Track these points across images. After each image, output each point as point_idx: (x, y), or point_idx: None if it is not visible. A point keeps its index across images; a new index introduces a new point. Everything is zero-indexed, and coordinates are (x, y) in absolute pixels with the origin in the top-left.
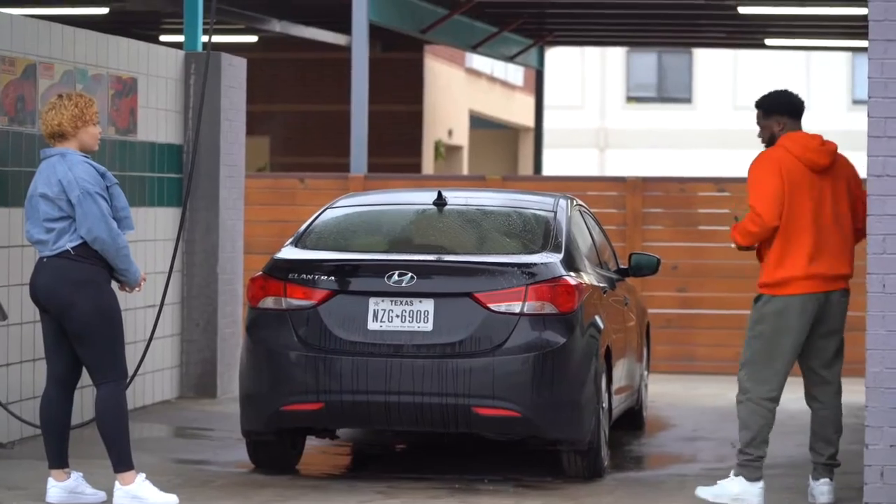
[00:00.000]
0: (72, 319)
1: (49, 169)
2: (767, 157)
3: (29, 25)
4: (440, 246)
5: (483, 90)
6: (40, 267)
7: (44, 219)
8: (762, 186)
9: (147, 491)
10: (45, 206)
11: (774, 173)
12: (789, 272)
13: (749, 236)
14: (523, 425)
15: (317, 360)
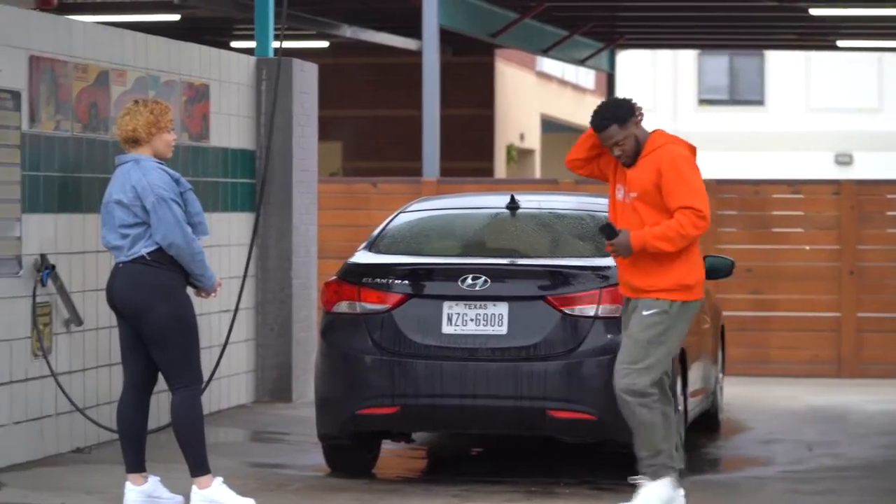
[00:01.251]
0: (148, 325)
1: (124, 175)
2: (689, 156)
3: (102, 33)
4: (513, 249)
5: (554, 94)
6: (116, 272)
7: (119, 225)
8: (699, 186)
9: (224, 495)
10: (121, 212)
11: (700, 173)
12: (699, 275)
13: (686, 240)
14: (598, 428)
15: (392, 363)
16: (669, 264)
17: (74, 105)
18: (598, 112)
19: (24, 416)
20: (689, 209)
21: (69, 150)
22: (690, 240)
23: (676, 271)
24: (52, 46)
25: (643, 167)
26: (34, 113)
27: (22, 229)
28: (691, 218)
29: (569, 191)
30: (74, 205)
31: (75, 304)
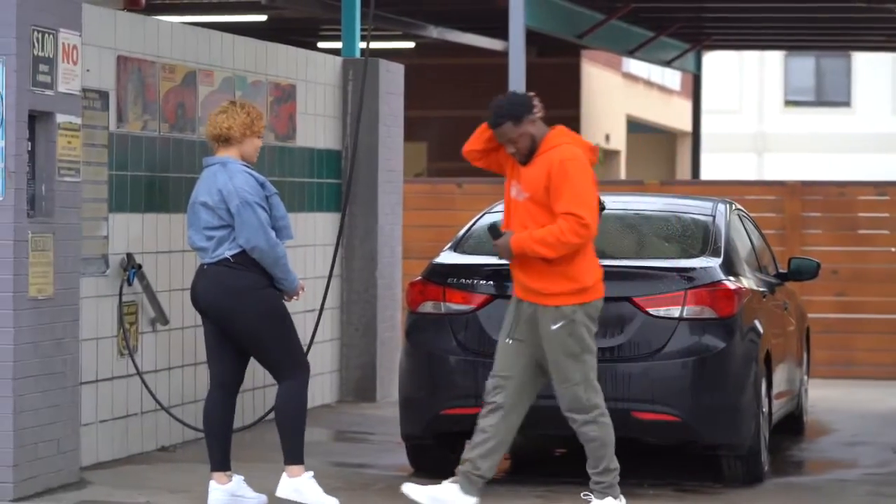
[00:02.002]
0: (237, 327)
1: (210, 177)
2: (581, 159)
3: (189, 33)
4: (599, 250)
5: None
6: (201, 273)
7: (204, 227)
8: (589, 193)
9: (311, 489)
10: (206, 214)
11: (590, 176)
12: (597, 274)
13: (567, 248)
14: (683, 430)
15: (476, 364)
16: (566, 267)
17: (161, 105)
18: (493, 108)
19: (110, 415)
20: (572, 216)
21: (156, 149)
22: (571, 247)
23: (571, 273)
24: (140, 47)
25: (537, 166)
26: (122, 113)
27: (109, 228)
28: (573, 225)
29: (654, 192)
30: (161, 204)
31: (161, 304)
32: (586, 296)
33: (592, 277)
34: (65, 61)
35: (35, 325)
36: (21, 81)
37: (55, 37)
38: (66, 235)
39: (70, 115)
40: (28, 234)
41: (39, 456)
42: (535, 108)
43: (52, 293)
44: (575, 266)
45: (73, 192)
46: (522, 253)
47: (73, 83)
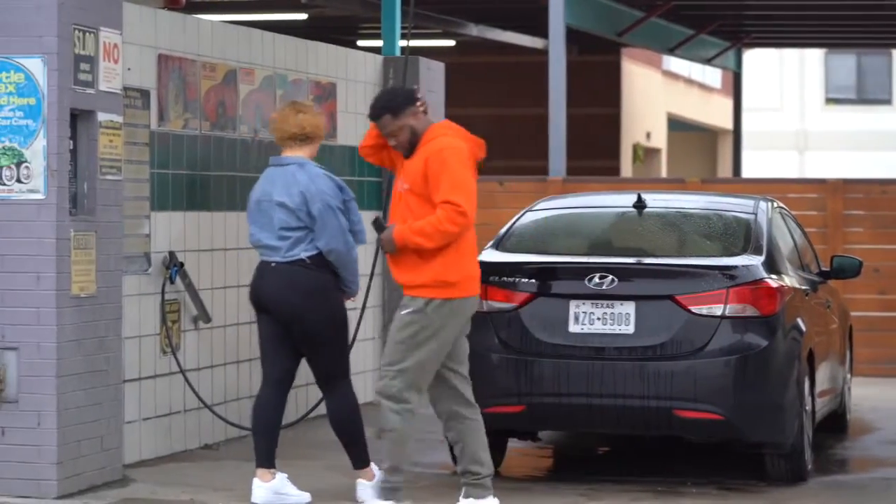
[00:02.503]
0: (305, 327)
1: (287, 177)
2: (461, 149)
3: (229, 32)
4: (640, 248)
5: (681, 92)
6: (267, 272)
7: (280, 227)
8: (467, 181)
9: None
10: (283, 214)
11: (469, 166)
12: (469, 271)
13: (446, 237)
14: (726, 428)
15: (518, 362)
16: (430, 259)
17: (202, 103)
18: (373, 101)
19: (153, 413)
20: (449, 204)
21: (197, 148)
22: (450, 236)
23: (435, 267)
24: (181, 45)
25: (417, 158)
26: (163, 111)
27: (151, 227)
28: (450, 213)
29: (696, 190)
30: (202, 202)
31: (203, 302)
32: (447, 292)
33: (459, 274)
34: (106, 60)
35: (78, 322)
36: (63, 80)
37: (96, 35)
38: (108, 233)
39: (111, 114)
40: (70, 233)
41: (83, 453)
42: (417, 102)
43: (95, 291)
44: (440, 259)
45: (115, 191)
46: (405, 245)
47: (114, 82)
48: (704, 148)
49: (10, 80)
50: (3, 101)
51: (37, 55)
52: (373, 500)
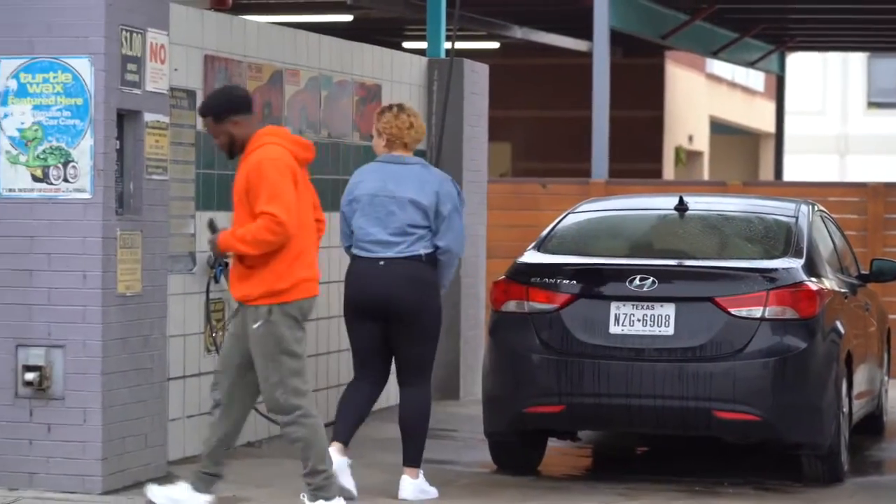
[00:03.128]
0: (420, 321)
1: (417, 176)
2: (278, 159)
3: (275, 33)
4: (681, 251)
5: (723, 96)
6: (376, 268)
7: (408, 223)
8: (283, 191)
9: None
10: (413, 211)
11: (288, 175)
12: (300, 275)
13: (264, 245)
14: (764, 429)
15: (559, 363)
16: (260, 270)
17: None
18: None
19: (197, 410)
20: (267, 214)
21: None
22: (269, 245)
23: (266, 277)
24: (227, 46)
25: (240, 170)
26: None
27: (196, 226)
28: (268, 223)
29: (737, 193)
30: None
31: None
32: (284, 297)
33: (291, 279)
34: (153, 60)
35: (123, 321)
36: (109, 80)
37: (143, 36)
38: (153, 233)
39: (158, 114)
40: (116, 232)
41: (127, 450)
42: (241, 113)
43: (140, 290)
44: (269, 269)
45: (161, 190)
46: (228, 250)
47: (160, 82)
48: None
49: (58, 81)
50: (50, 101)
51: (84, 55)
52: (415, 498)
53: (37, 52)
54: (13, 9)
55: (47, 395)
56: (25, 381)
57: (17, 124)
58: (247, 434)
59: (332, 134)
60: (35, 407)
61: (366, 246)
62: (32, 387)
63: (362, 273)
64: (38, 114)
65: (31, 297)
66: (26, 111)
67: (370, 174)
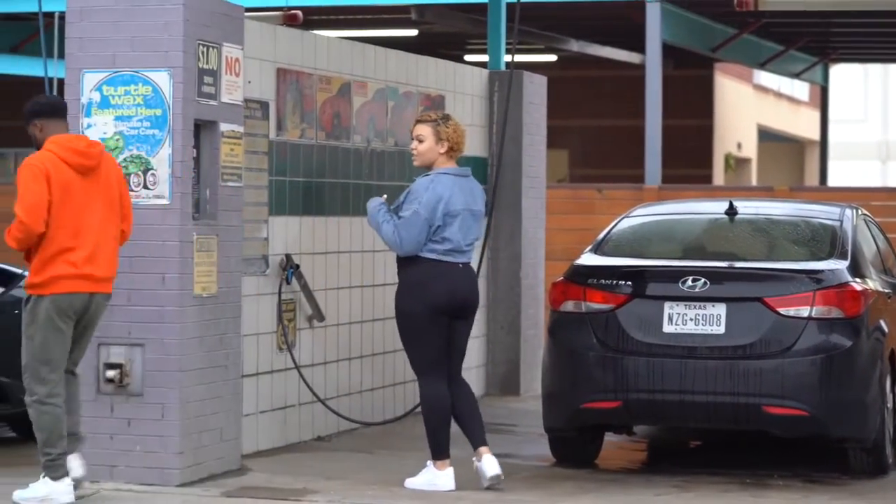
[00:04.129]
0: (474, 314)
1: (477, 189)
2: (35, 165)
3: (344, 47)
4: (731, 253)
5: (770, 105)
6: (457, 273)
7: (480, 234)
8: (28, 193)
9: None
10: (479, 222)
11: (40, 178)
12: (53, 272)
13: (14, 242)
14: (811, 424)
15: (615, 360)
16: (32, 262)
17: (318, 114)
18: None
19: (270, 406)
20: (16, 215)
21: (313, 156)
22: (17, 241)
23: (32, 270)
24: (298, 60)
25: None
26: (281, 122)
27: (269, 231)
28: (15, 223)
29: (784, 197)
30: (317, 208)
31: (317, 301)
32: (40, 290)
33: (46, 274)
34: (228, 73)
35: (199, 321)
36: (187, 92)
37: (219, 51)
38: (228, 237)
39: (233, 124)
40: (193, 236)
41: (203, 444)
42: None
43: (216, 291)
44: (33, 263)
45: (236, 197)
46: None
47: (235, 94)
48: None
49: (139, 93)
50: (131, 112)
51: (163, 69)
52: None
53: (118, 66)
54: (97, 26)
55: (127, 391)
56: (107, 378)
57: (100, 134)
58: (317, 428)
59: (399, 143)
60: (116, 403)
61: (452, 254)
62: (113, 383)
63: (451, 276)
64: (120, 124)
65: (113, 298)
66: (108, 122)
67: (452, 188)
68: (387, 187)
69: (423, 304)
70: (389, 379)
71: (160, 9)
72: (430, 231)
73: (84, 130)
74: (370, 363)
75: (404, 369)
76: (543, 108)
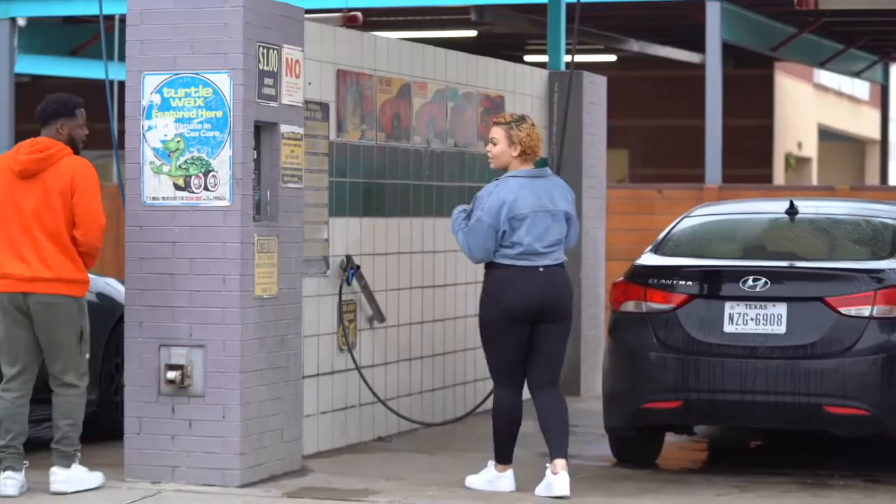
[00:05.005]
0: (567, 321)
1: (559, 189)
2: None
3: (404, 48)
4: (792, 252)
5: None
6: (540, 274)
7: (561, 235)
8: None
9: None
10: (563, 223)
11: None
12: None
13: None
14: (872, 424)
15: (675, 360)
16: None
17: (378, 115)
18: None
19: (330, 407)
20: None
21: (373, 157)
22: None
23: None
24: (358, 61)
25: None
26: (341, 123)
27: (329, 232)
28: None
29: (845, 197)
30: (377, 209)
31: (378, 302)
32: None
33: None
34: (288, 75)
35: (260, 322)
36: (247, 94)
37: (279, 52)
38: (289, 238)
39: (293, 126)
40: (254, 237)
41: (264, 445)
42: (40, 122)
43: (277, 292)
44: None
45: (296, 198)
46: None
47: (295, 95)
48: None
49: (199, 95)
50: (192, 115)
51: (223, 71)
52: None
53: (178, 68)
54: (157, 28)
55: (188, 392)
56: (168, 380)
57: (161, 136)
58: (378, 428)
59: (458, 143)
60: (177, 404)
61: (526, 257)
62: (174, 385)
63: (524, 280)
64: (181, 126)
65: (174, 299)
66: (169, 124)
67: (519, 191)
68: (446, 188)
69: (498, 310)
70: (450, 379)
71: (220, 11)
72: (498, 236)
73: (145, 133)
74: (430, 364)
75: (464, 370)
76: (603, 109)
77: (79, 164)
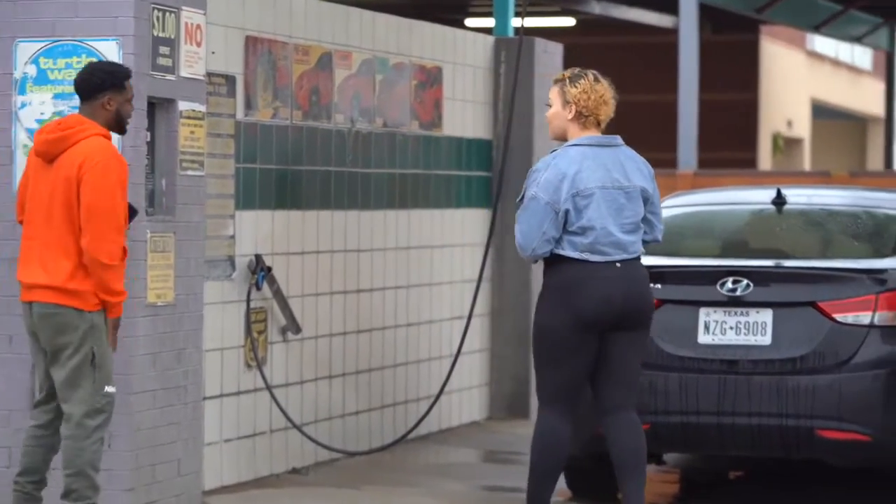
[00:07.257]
0: (647, 331)
1: (632, 160)
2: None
3: (324, 11)
4: (779, 250)
5: (826, 75)
6: (618, 271)
7: (639, 217)
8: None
9: None
10: (639, 202)
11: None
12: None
13: None
14: (873, 450)
15: (642, 377)
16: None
17: (294, 90)
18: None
19: (235, 434)
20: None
21: (288, 139)
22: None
23: None
24: (271, 26)
25: None
26: (250, 99)
27: (235, 227)
28: None
29: (842, 184)
30: (293, 201)
31: (293, 311)
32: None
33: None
34: (188, 43)
35: (153, 334)
36: (139, 65)
37: (177, 16)
38: (188, 235)
39: (193, 102)
40: (146, 234)
41: (157, 479)
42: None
43: (173, 299)
44: None
45: (197, 188)
46: None
47: (196, 67)
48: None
49: (82, 66)
50: (73, 89)
51: (111, 37)
52: None
53: (58, 34)
54: None
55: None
56: None
57: (37, 115)
58: (292, 459)
59: (388, 123)
60: None
61: (601, 248)
62: None
63: (600, 279)
64: (60, 103)
65: None
66: (46, 100)
67: (582, 161)
68: (373, 176)
69: (568, 317)
70: (377, 401)
71: None
72: (560, 219)
73: (17, 111)
74: (354, 382)
75: (394, 389)
76: None
77: (91, 150)
